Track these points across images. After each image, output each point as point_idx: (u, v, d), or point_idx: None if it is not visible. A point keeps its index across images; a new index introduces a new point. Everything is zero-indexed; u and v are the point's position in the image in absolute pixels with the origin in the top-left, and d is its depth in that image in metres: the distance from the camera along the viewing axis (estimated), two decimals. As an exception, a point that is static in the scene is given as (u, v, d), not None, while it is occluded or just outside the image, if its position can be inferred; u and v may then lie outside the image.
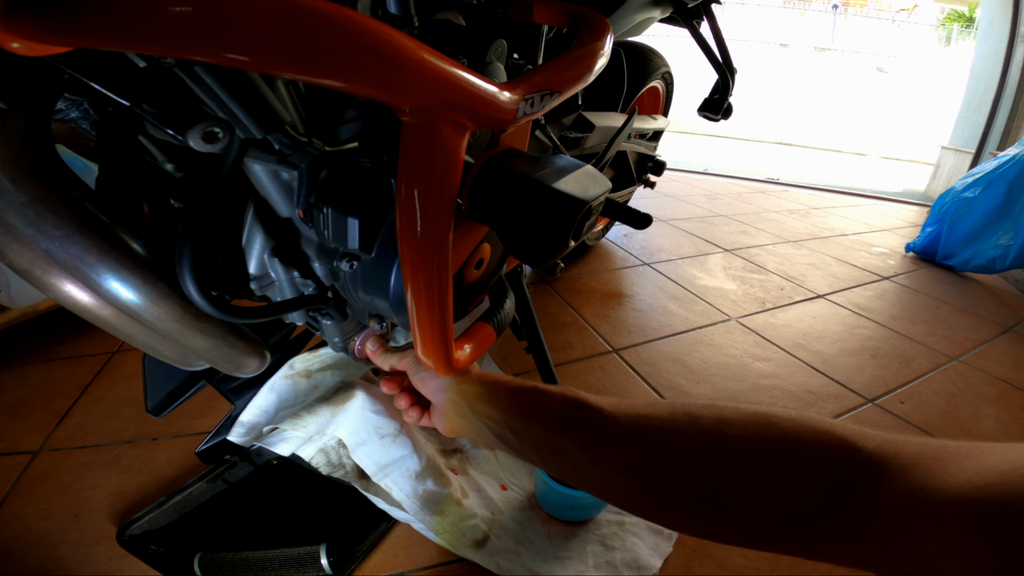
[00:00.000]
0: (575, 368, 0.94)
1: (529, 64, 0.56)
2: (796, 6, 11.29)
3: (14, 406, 0.76)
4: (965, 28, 10.46)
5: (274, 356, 0.60)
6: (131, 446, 0.70)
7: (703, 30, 0.95)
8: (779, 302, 1.31)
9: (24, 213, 0.31)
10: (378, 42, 0.25)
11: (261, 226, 0.42)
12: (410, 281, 0.35)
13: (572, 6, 0.48)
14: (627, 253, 1.56)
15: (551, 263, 0.62)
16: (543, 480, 0.59)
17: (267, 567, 0.52)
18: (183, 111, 0.29)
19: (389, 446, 0.58)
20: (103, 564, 0.54)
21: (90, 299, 0.38)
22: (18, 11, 0.19)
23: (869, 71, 8.92)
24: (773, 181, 3.02)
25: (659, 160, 1.29)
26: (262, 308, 0.41)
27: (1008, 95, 2.79)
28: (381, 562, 0.56)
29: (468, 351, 0.44)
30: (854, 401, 0.91)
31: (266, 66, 0.23)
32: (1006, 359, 1.13)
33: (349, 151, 0.39)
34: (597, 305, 1.20)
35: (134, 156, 0.38)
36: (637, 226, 0.64)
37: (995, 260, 1.57)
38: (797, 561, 0.60)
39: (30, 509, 0.60)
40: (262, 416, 0.60)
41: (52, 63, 0.27)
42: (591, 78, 0.42)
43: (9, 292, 0.80)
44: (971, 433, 0.85)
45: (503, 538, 0.58)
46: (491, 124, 0.34)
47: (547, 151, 0.74)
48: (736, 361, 1.01)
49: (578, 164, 0.40)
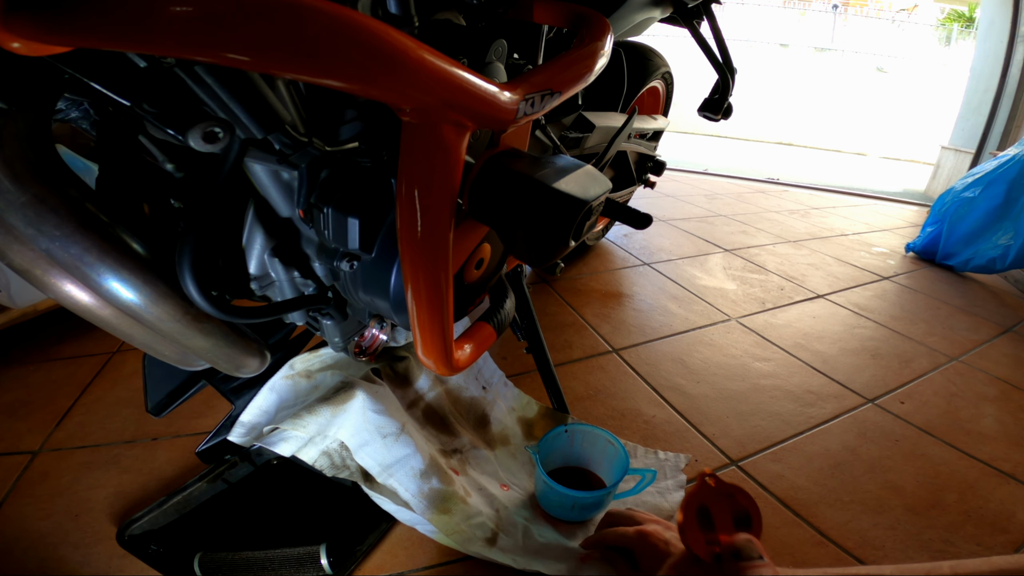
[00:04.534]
0: (575, 368, 0.94)
1: (529, 64, 0.56)
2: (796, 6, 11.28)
3: (14, 406, 0.76)
4: (965, 28, 10.46)
5: (274, 356, 0.60)
6: (131, 446, 0.70)
7: (703, 30, 0.95)
8: (779, 302, 1.31)
9: (24, 213, 0.31)
10: (378, 42, 0.25)
11: (261, 226, 0.42)
12: (410, 281, 0.35)
13: (572, 6, 0.48)
14: (627, 253, 1.56)
15: (551, 263, 0.62)
16: (543, 480, 0.59)
17: (267, 567, 0.52)
18: (183, 111, 0.29)
19: (392, 445, 0.58)
20: (103, 564, 0.53)
21: (90, 299, 0.38)
22: (18, 11, 0.19)
23: (869, 71, 8.91)
24: (773, 181, 3.02)
25: (659, 160, 1.29)
26: (262, 308, 0.41)
27: (1008, 95, 2.79)
28: (381, 562, 0.56)
29: (468, 351, 0.44)
30: (854, 401, 0.91)
31: (266, 66, 0.23)
32: (1006, 359, 1.13)
33: (349, 151, 0.39)
34: (597, 305, 1.20)
35: (134, 156, 0.38)
36: (637, 226, 0.64)
37: (995, 260, 1.57)
38: (797, 560, 0.60)
39: (30, 509, 0.60)
40: (262, 416, 0.60)
41: (52, 63, 0.27)
42: (591, 78, 0.42)
43: (9, 292, 0.80)
44: (971, 433, 0.85)
45: (512, 534, 0.58)
46: (491, 124, 0.34)
47: (547, 151, 0.74)
48: (736, 361, 1.01)
49: (578, 164, 0.40)
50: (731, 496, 0.36)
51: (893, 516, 0.67)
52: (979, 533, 0.65)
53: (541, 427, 0.76)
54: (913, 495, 0.71)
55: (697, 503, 0.36)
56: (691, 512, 0.35)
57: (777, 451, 0.77)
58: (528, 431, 0.76)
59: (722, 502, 0.36)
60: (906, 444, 0.81)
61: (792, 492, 0.70)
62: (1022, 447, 0.83)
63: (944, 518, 0.67)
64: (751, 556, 0.31)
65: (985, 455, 0.80)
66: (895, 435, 0.83)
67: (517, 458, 0.71)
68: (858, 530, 0.65)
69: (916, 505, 0.69)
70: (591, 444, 0.66)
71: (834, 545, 0.62)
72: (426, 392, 0.73)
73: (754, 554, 0.31)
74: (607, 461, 0.65)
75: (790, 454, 0.77)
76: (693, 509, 0.36)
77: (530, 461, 0.70)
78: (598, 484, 0.65)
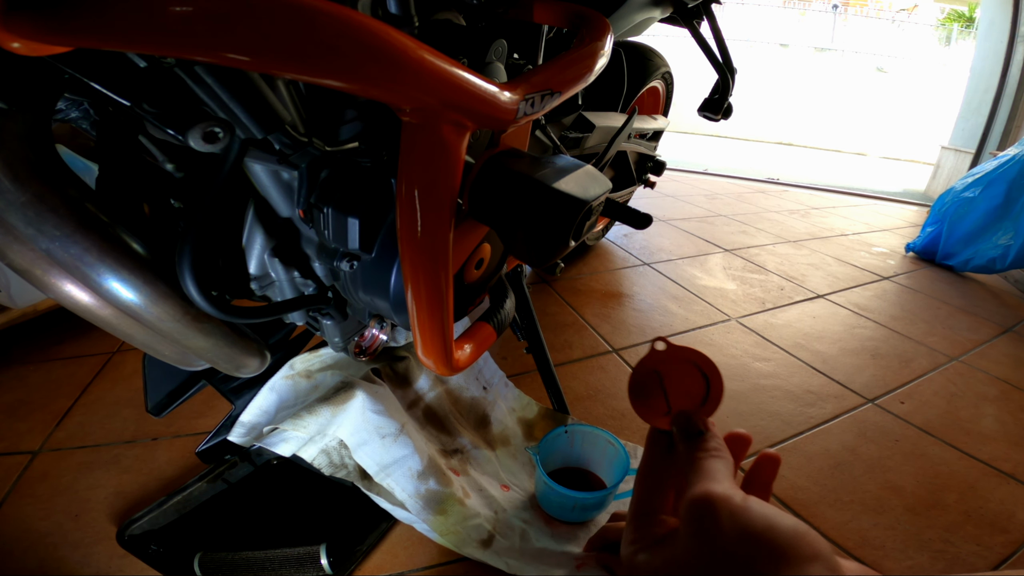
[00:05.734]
0: (575, 368, 0.94)
1: (529, 64, 0.56)
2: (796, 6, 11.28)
3: (14, 406, 0.76)
4: (965, 28, 10.45)
5: (274, 356, 0.60)
6: (131, 446, 0.70)
7: (703, 30, 0.95)
8: (779, 302, 1.31)
9: (24, 213, 0.31)
10: (379, 42, 0.25)
11: (261, 226, 0.42)
12: (410, 281, 0.35)
13: (572, 6, 0.48)
14: (627, 253, 1.56)
15: (551, 263, 0.62)
16: (543, 481, 0.59)
17: (267, 567, 0.52)
18: (183, 111, 0.29)
19: (390, 446, 0.58)
20: (103, 564, 0.53)
21: (90, 299, 0.38)
22: (18, 11, 0.19)
23: (869, 71, 8.91)
24: (773, 181, 3.02)
25: (659, 160, 1.29)
26: (262, 308, 0.41)
27: (1008, 95, 2.79)
28: (381, 562, 0.56)
29: (468, 351, 0.44)
30: (854, 401, 0.91)
31: (266, 66, 0.23)
32: (1006, 359, 1.13)
33: (349, 151, 0.39)
34: (597, 305, 1.20)
35: (134, 156, 0.38)
36: (637, 226, 0.64)
37: (995, 260, 1.57)
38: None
39: (30, 509, 0.60)
40: (262, 416, 0.60)
41: (52, 63, 0.27)
42: (591, 78, 0.42)
43: (9, 292, 0.80)
44: (971, 433, 0.85)
45: (509, 537, 0.58)
46: (491, 124, 0.34)
47: (547, 151, 0.74)
48: (736, 361, 1.01)
49: (578, 164, 0.40)
50: (689, 362, 0.31)
51: (893, 516, 0.67)
52: (979, 533, 0.65)
53: (541, 428, 0.76)
54: (913, 495, 0.71)
55: (646, 370, 0.31)
56: (636, 381, 0.31)
57: (777, 451, 0.77)
58: (528, 432, 0.76)
59: (675, 369, 0.31)
60: (906, 444, 0.81)
61: (792, 492, 0.70)
62: (1022, 447, 0.83)
63: (944, 518, 0.67)
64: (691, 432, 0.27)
65: (985, 455, 0.80)
66: (895, 435, 0.83)
67: (518, 458, 0.71)
68: (858, 530, 0.65)
69: (916, 505, 0.69)
70: (591, 445, 0.66)
71: (834, 545, 0.62)
72: (426, 392, 0.73)
73: (694, 430, 0.27)
74: (607, 462, 0.65)
75: (790, 454, 0.77)
76: (640, 377, 0.31)
77: (531, 462, 0.70)
78: (599, 485, 0.65)
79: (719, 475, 0.24)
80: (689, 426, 0.28)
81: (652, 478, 0.29)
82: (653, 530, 0.26)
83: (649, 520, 0.27)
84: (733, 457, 0.27)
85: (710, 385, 0.30)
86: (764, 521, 0.21)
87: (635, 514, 0.28)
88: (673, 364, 0.31)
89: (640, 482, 0.29)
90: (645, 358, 0.31)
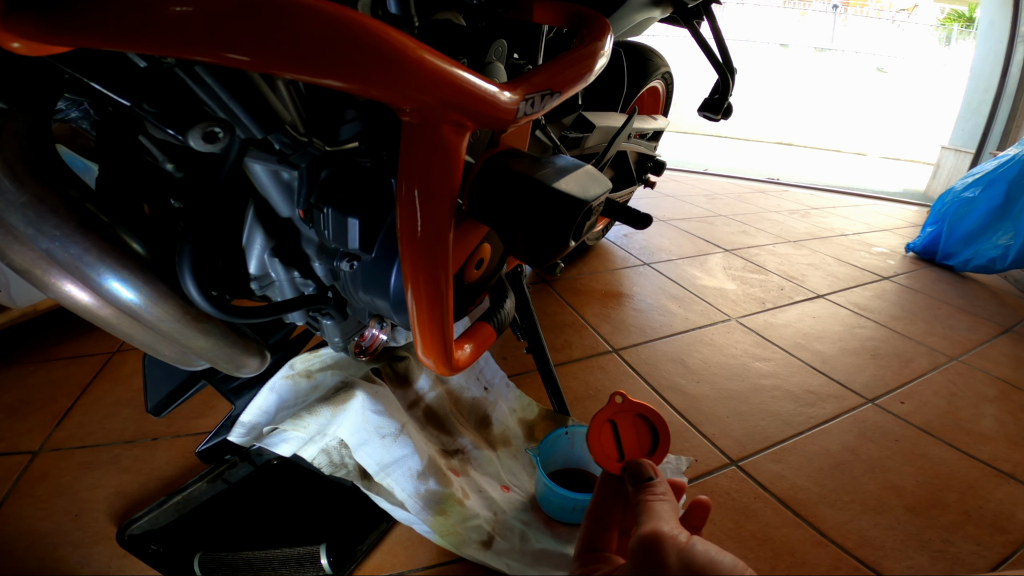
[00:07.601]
0: (575, 368, 0.94)
1: (529, 64, 0.56)
2: (796, 6, 11.28)
3: (14, 406, 0.76)
4: (965, 28, 10.45)
5: (274, 356, 0.60)
6: (131, 446, 0.70)
7: (703, 30, 0.95)
8: (779, 302, 1.31)
9: (24, 213, 0.31)
10: (378, 42, 0.25)
11: (261, 226, 0.42)
12: (410, 281, 0.35)
13: (572, 6, 0.48)
14: (627, 253, 1.56)
15: (551, 263, 0.62)
16: (543, 482, 0.59)
17: (267, 567, 0.52)
18: (183, 111, 0.29)
19: (390, 446, 0.58)
20: (103, 564, 0.53)
21: (90, 299, 0.38)
22: (18, 11, 0.19)
23: (869, 71, 8.90)
24: (773, 181, 3.02)
25: (659, 160, 1.29)
26: (262, 308, 0.41)
27: (1008, 95, 2.79)
28: (381, 562, 0.56)
29: (468, 351, 0.44)
30: (854, 401, 0.91)
31: (266, 66, 0.23)
32: (1006, 359, 1.13)
33: (349, 151, 0.39)
34: (597, 305, 1.20)
35: (134, 156, 0.38)
36: (637, 226, 0.64)
37: (995, 260, 1.57)
38: (797, 560, 0.60)
39: (30, 509, 0.60)
40: (262, 416, 0.60)
41: (52, 63, 0.27)
42: (591, 78, 0.42)
43: (9, 292, 0.80)
44: (971, 433, 0.85)
45: (509, 538, 0.58)
46: (491, 124, 0.34)
47: (547, 151, 0.74)
48: (736, 361, 1.01)
49: (578, 164, 0.40)
50: (640, 416, 0.35)
51: (893, 516, 0.67)
52: (979, 533, 0.65)
53: (542, 429, 0.76)
54: (913, 495, 0.71)
55: (603, 420, 0.35)
56: (595, 429, 0.34)
57: (777, 451, 0.77)
58: (529, 433, 0.76)
59: (629, 420, 0.35)
60: (906, 444, 0.81)
61: (792, 492, 0.70)
62: (1022, 447, 0.83)
63: (944, 518, 0.67)
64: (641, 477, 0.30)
65: (985, 455, 0.80)
66: (895, 435, 0.83)
67: (519, 459, 0.71)
68: (858, 530, 0.65)
69: (916, 505, 0.69)
70: (591, 444, 0.66)
71: (834, 545, 0.62)
72: (427, 392, 0.73)
73: (643, 476, 0.30)
74: (607, 461, 0.65)
75: (790, 454, 0.77)
76: (598, 426, 0.35)
77: (531, 462, 0.70)
78: (598, 484, 0.65)
79: (666, 516, 0.26)
80: (640, 472, 0.30)
81: (600, 518, 0.31)
82: (599, 566, 0.28)
83: (595, 557, 0.29)
84: (696, 523, 0.30)
85: (659, 437, 0.34)
86: (706, 557, 0.23)
87: (581, 550, 0.30)
88: (627, 416, 0.35)
89: (588, 521, 0.31)
90: (603, 409, 0.35)
